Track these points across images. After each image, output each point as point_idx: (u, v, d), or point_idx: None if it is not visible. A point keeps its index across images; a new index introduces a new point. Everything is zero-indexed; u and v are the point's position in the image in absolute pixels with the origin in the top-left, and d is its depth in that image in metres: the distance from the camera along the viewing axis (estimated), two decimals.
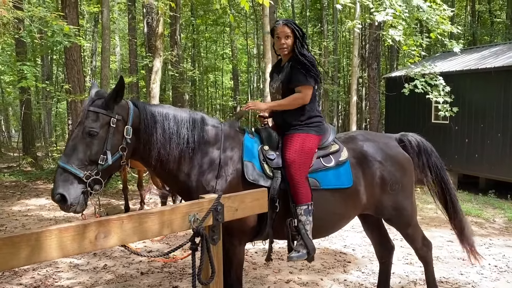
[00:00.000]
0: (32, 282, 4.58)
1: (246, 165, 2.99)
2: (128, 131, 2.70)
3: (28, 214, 7.72)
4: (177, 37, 14.61)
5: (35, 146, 16.05)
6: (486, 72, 10.85)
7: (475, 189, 11.36)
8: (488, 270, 5.16)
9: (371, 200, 3.44)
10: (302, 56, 3.19)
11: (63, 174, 2.52)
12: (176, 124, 2.90)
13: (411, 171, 3.67)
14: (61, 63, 21.29)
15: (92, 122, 2.61)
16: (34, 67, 10.26)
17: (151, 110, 2.86)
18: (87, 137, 2.59)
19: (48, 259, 1.85)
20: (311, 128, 3.23)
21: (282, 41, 3.22)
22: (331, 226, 3.39)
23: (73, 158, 2.54)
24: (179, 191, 3.10)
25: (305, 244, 3.03)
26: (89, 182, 2.55)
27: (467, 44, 20.09)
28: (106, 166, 2.62)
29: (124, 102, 2.77)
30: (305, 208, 3.02)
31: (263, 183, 2.97)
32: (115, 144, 2.66)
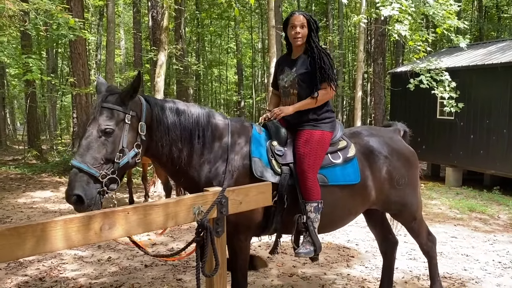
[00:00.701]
0: (37, 273, 4.62)
1: (254, 161, 2.95)
2: (142, 127, 2.64)
3: (33, 206, 7.77)
4: (181, 31, 14.59)
5: (40, 139, 16.13)
6: (492, 68, 10.76)
7: (480, 185, 11.31)
8: (492, 266, 5.15)
9: (380, 195, 3.44)
10: (320, 50, 3.16)
11: (79, 174, 2.41)
12: (187, 120, 2.85)
13: (416, 165, 3.68)
14: (66, 56, 21.32)
15: (107, 119, 2.52)
16: (39, 60, 10.29)
17: (162, 105, 2.80)
18: (102, 135, 2.49)
19: (53, 250, 1.85)
20: (326, 124, 3.22)
21: (298, 29, 3.15)
22: (338, 222, 3.39)
23: (88, 157, 2.44)
24: (186, 187, 3.06)
25: (313, 241, 3.02)
26: (105, 181, 2.46)
27: (474, 40, 19.95)
28: (123, 164, 2.55)
29: (136, 98, 2.69)
30: (315, 205, 3.01)
31: (271, 179, 2.93)
32: (131, 142, 2.58)
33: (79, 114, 11.83)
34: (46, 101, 21.17)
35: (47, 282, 4.39)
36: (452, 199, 9.45)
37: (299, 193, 3.04)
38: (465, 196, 9.99)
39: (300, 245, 3.06)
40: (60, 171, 11.18)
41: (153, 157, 2.86)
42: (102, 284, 4.36)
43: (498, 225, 7.27)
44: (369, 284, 4.48)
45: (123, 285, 4.35)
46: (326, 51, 3.26)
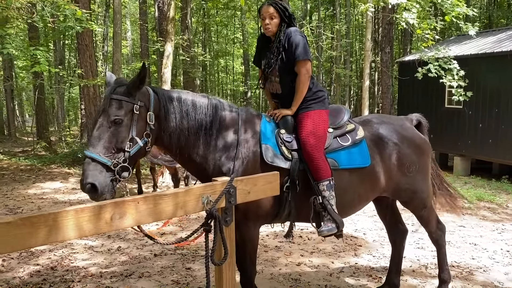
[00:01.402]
0: (49, 263, 4.69)
1: (264, 147, 3.02)
2: (151, 117, 2.70)
3: (43, 197, 7.86)
4: (188, 21, 14.55)
5: (49, 131, 16.26)
6: (502, 56, 10.64)
7: (489, 174, 11.26)
8: (500, 255, 5.15)
9: (390, 182, 3.46)
10: (288, 36, 3.17)
11: (91, 164, 2.48)
12: (195, 110, 2.90)
13: (428, 153, 3.69)
14: (73, 48, 21.39)
15: (116, 110, 2.58)
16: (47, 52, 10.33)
17: (170, 96, 2.86)
18: (112, 125, 2.56)
19: (65, 239, 1.89)
20: (317, 103, 3.25)
21: (267, 21, 3.19)
22: (350, 207, 3.40)
23: (100, 147, 2.51)
24: (197, 175, 3.12)
25: (333, 218, 3.06)
26: (117, 169, 2.52)
27: (483, 27, 19.68)
28: (134, 152, 2.61)
29: (144, 89, 2.76)
30: (327, 183, 3.05)
31: (282, 165, 3.01)
32: (140, 131, 2.65)
33: (87, 105, 11.89)
34: (54, 92, 21.32)
35: (59, 271, 4.47)
36: (460, 188, 9.39)
37: (310, 176, 3.07)
38: (473, 185, 9.95)
39: (322, 224, 3.09)
40: (69, 162, 11.28)
41: (163, 146, 2.91)
42: (112, 273, 4.43)
43: (506, 214, 7.24)
44: (376, 273, 4.50)
45: (133, 274, 4.41)
46: (296, 31, 3.21)
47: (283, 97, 3.30)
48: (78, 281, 4.21)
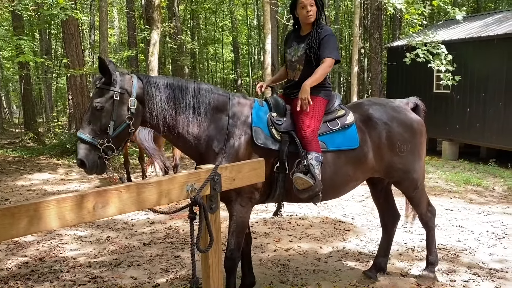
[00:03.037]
0: (37, 254, 4.68)
1: (254, 130, 3.17)
2: (132, 102, 2.93)
3: (31, 188, 7.81)
4: (175, 9, 14.39)
5: (37, 122, 16.09)
6: (488, 40, 10.69)
7: (476, 158, 11.39)
8: (486, 237, 5.23)
9: (381, 162, 3.52)
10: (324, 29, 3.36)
11: (81, 144, 2.85)
12: (181, 92, 3.10)
13: (422, 133, 3.73)
14: (59, 37, 21.03)
15: (98, 97, 2.89)
16: (31, 42, 10.17)
17: (154, 81, 3.07)
18: (95, 111, 2.87)
19: (47, 229, 1.88)
20: (321, 91, 3.39)
21: (309, 8, 3.34)
22: (340, 187, 3.49)
23: (87, 129, 2.86)
24: (190, 154, 3.29)
25: (314, 177, 3.11)
26: (103, 148, 2.84)
27: (471, 12, 19.73)
28: (115, 134, 2.89)
29: (128, 77, 2.99)
30: (316, 155, 3.18)
31: (272, 147, 3.19)
32: (121, 115, 2.91)
33: (74, 95, 11.78)
34: (41, 83, 21.03)
35: (47, 262, 4.46)
36: (448, 172, 9.52)
37: (301, 149, 3.17)
38: (461, 169, 10.06)
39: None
40: (58, 153, 11.20)
41: (151, 126, 3.12)
42: (101, 263, 4.43)
43: (493, 197, 7.35)
44: (364, 257, 4.55)
45: (122, 263, 4.42)
46: (329, 29, 3.42)
47: (298, 84, 3.41)
48: (66, 272, 4.21)
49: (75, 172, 9.29)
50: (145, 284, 3.94)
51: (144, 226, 5.68)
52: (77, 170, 9.44)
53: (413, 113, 3.78)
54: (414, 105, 3.89)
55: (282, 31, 19.05)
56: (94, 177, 8.69)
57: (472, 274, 4.13)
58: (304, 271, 4.18)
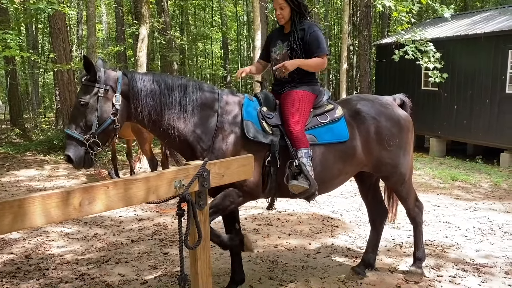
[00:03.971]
0: (23, 251, 4.62)
1: (245, 123, 3.18)
2: (117, 98, 2.94)
3: (17, 185, 7.71)
4: (164, 4, 14.28)
5: (23, 118, 15.87)
6: (476, 38, 10.79)
7: (463, 155, 11.50)
8: (472, 233, 5.29)
9: (370, 156, 3.55)
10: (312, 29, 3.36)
11: (69, 139, 2.89)
12: (167, 88, 3.09)
13: (409, 128, 3.77)
14: (46, 32, 20.75)
15: (83, 94, 2.91)
16: (17, 36, 10.00)
17: (140, 77, 3.06)
18: (80, 107, 2.90)
19: (32, 226, 1.85)
20: (307, 86, 3.43)
21: (278, 12, 3.40)
22: (329, 182, 3.49)
23: (74, 125, 2.89)
24: (179, 149, 3.27)
25: (307, 178, 3.13)
26: (89, 144, 2.87)
27: (459, 10, 19.89)
28: (100, 130, 2.90)
29: (113, 73, 3.00)
30: (305, 151, 3.19)
31: (263, 140, 3.19)
32: (106, 111, 2.92)
33: (61, 91, 11.62)
34: (27, 78, 20.75)
35: (33, 260, 4.40)
36: (435, 169, 9.61)
37: (290, 146, 3.20)
38: (448, 166, 10.16)
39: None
40: (45, 149, 11.06)
41: (137, 121, 3.11)
42: (89, 260, 4.39)
43: (479, 193, 7.44)
44: (352, 253, 4.57)
45: (110, 260, 4.38)
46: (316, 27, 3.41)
47: (288, 81, 3.45)
48: (53, 269, 4.16)
49: (62, 168, 9.19)
50: (133, 281, 3.91)
51: (132, 222, 5.64)
52: (64, 166, 9.35)
53: (401, 109, 3.83)
54: (401, 102, 3.93)
55: (271, 27, 19.02)
56: (82, 173, 8.61)
57: (459, 269, 4.17)
58: (293, 267, 4.18)
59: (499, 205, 6.64)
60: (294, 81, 3.43)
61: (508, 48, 10.11)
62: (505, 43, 10.15)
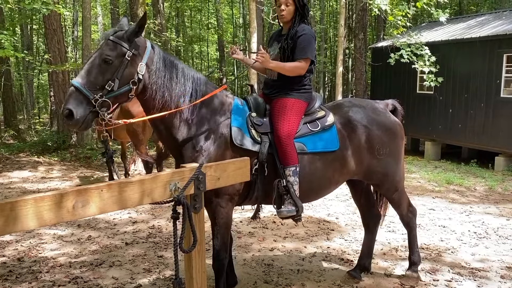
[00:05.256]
0: (16, 254, 4.57)
1: (234, 130, 3.08)
2: (142, 67, 2.80)
3: (11, 186, 7.64)
4: (160, 6, 14.25)
5: (17, 119, 15.78)
6: (471, 42, 10.85)
7: (458, 158, 11.54)
8: (468, 237, 5.29)
9: (360, 165, 3.49)
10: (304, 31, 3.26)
11: (75, 93, 2.65)
12: (184, 76, 3.00)
13: (400, 136, 3.72)
14: (41, 33, 20.65)
15: (109, 50, 2.72)
16: (12, 36, 9.95)
17: (165, 56, 2.96)
18: (102, 63, 2.70)
19: (24, 229, 1.82)
20: (300, 94, 3.34)
21: (282, 7, 3.27)
22: (319, 190, 3.45)
23: (86, 79, 2.67)
24: (170, 147, 3.18)
25: (294, 202, 3.13)
26: (97, 104, 2.67)
27: (454, 14, 19.99)
28: (114, 94, 2.73)
29: (143, 40, 2.87)
30: (293, 169, 3.13)
31: (251, 147, 3.09)
32: (127, 76, 2.76)
33: (56, 92, 11.56)
34: (22, 79, 20.63)
35: (26, 262, 4.35)
36: (430, 172, 9.62)
37: (277, 159, 3.14)
38: (443, 169, 10.18)
39: (282, 206, 3.16)
40: (39, 150, 10.98)
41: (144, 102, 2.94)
42: (82, 263, 4.34)
43: (474, 197, 7.45)
44: (348, 256, 4.56)
45: (104, 263, 4.33)
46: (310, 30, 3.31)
47: (277, 84, 3.36)
48: (46, 272, 4.11)
49: (56, 170, 9.12)
50: (127, 284, 3.86)
51: (127, 225, 5.60)
52: (58, 168, 9.28)
53: (392, 116, 3.76)
54: (393, 108, 3.86)
55: (268, 30, 19.03)
56: (76, 175, 8.54)
57: (455, 273, 4.16)
58: (289, 271, 4.16)
59: (494, 208, 6.66)
60: (285, 85, 3.32)
61: (503, 52, 10.16)
62: (500, 47, 10.20)
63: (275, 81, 3.38)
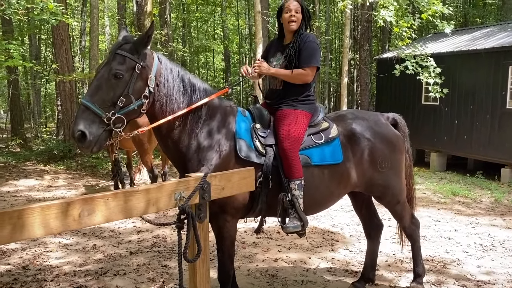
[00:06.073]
0: (21, 262, 4.59)
1: (238, 142, 3.03)
2: (152, 80, 2.73)
3: (17, 195, 7.68)
4: (167, 16, 14.39)
5: (24, 127, 15.90)
6: (476, 54, 10.84)
7: (464, 170, 11.47)
8: (473, 249, 5.25)
9: (362, 178, 3.48)
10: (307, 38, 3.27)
11: (86, 112, 2.54)
12: (191, 87, 2.96)
13: (401, 149, 3.71)
14: (49, 42, 20.88)
15: (118, 64, 2.63)
16: (20, 46, 10.07)
17: (171, 67, 2.91)
18: (112, 78, 2.61)
19: (31, 237, 1.84)
20: (304, 105, 3.32)
21: (293, 12, 3.26)
22: (322, 203, 3.44)
23: (96, 97, 2.57)
24: (174, 159, 3.10)
25: (300, 216, 3.11)
26: (112, 120, 2.58)
27: (459, 26, 20.03)
28: (128, 110, 2.65)
29: (149, 52, 2.81)
30: (298, 183, 3.10)
31: (256, 160, 3.05)
32: (138, 91, 2.69)
33: (63, 101, 11.67)
34: (29, 88, 20.81)
35: (31, 271, 4.37)
36: (436, 183, 9.58)
37: (282, 172, 3.11)
38: (449, 180, 10.13)
39: (287, 221, 3.14)
40: (45, 159, 11.05)
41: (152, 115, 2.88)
42: (87, 272, 4.35)
43: (480, 209, 7.40)
44: (353, 267, 4.54)
45: (108, 272, 4.34)
46: (314, 38, 3.34)
47: (281, 93, 3.35)
48: (50, 280, 4.12)
49: (62, 178, 9.17)
50: None
51: (131, 234, 5.61)
52: (64, 176, 9.33)
53: (393, 129, 3.75)
54: (394, 122, 3.84)
55: None
56: (81, 184, 8.58)
57: (460, 286, 4.13)
58: (293, 282, 4.14)
59: (500, 221, 6.61)
60: (290, 95, 3.30)
61: (508, 64, 10.15)
62: (506, 59, 10.19)
63: (279, 91, 3.35)
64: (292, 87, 3.31)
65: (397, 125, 3.85)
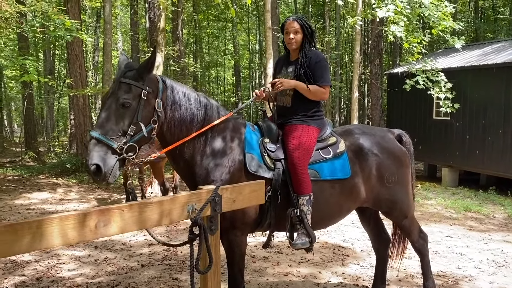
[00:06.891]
0: (34, 273, 4.64)
1: (247, 156, 3.05)
2: (159, 104, 2.74)
3: (30, 207, 7.78)
4: (179, 33, 14.63)
5: (38, 141, 16.15)
6: (487, 69, 10.83)
7: (476, 185, 11.37)
8: (486, 265, 5.20)
9: (370, 193, 3.49)
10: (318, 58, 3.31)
11: (98, 145, 2.54)
12: (197, 106, 2.96)
13: (408, 164, 3.72)
14: (63, 58, 21.31)
15: (125, 93, 2.63)
16: (36, 62, 10.32)
17: (176, 87, 2.92)
18: (120, 108, 2.61)
19: (49, 247, 1.89)
20: (314, 121, 3.35)
21: (291, 35, 3.32)
22: (330, 218, 3.45)
23: (106, 128, 2.57)
24: (184, 176, 3.11)
25: (308, 233, 3.13)
26: (125, 149, 2.58)
27: (470, 41, 20.03)
28: (139, 137, 2.66)
29: (153, 76, 2.82)
30: (307, 198, 3.11)
31: (265, 175, 3.05)
32: (147, 117, 2.69)
33: (76, 115, 11.86)
34: (43, 103, 21.18)
35: (44, 282, 4.42)
36: (448, 199, 9.50)
37: (291, 188, 3.13)
38: (461, 196, 10.04)
39: (296, 237, 3.15)
40: (58, 172, 11.19)
41: (163, 138, 2.92)
42: (99, 284, 4.39)
43: (493, 225, 7.32)
44: (363, 282, 4.52)
45: (120, 284, 4.38)
46: (322, 56, 3.38)
47: (290, 111, 3.37)
48: None
49: (74, 192, 9.27)
50: None
51: (143, 247, 5.65)
52: (76, 190, 9.43)
53: (399, 144, 3.76)
54: (399, 138, 3.84)
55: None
56: (93, 197, 8.67)
57: None
58: None
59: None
60: (299, 112, 3.33)
61: None
62: None
63: (288, 108, 3.38)
64: (301, 104, 3.34)
65: (401, 141, 3.85)
